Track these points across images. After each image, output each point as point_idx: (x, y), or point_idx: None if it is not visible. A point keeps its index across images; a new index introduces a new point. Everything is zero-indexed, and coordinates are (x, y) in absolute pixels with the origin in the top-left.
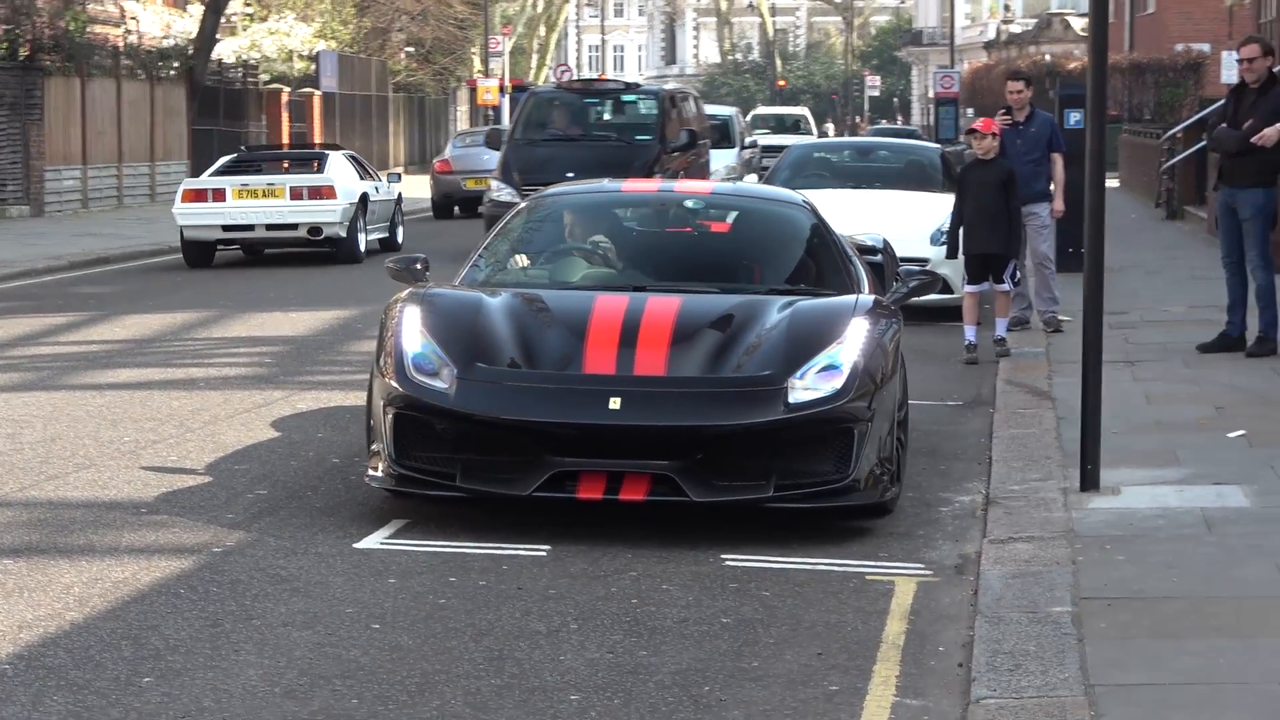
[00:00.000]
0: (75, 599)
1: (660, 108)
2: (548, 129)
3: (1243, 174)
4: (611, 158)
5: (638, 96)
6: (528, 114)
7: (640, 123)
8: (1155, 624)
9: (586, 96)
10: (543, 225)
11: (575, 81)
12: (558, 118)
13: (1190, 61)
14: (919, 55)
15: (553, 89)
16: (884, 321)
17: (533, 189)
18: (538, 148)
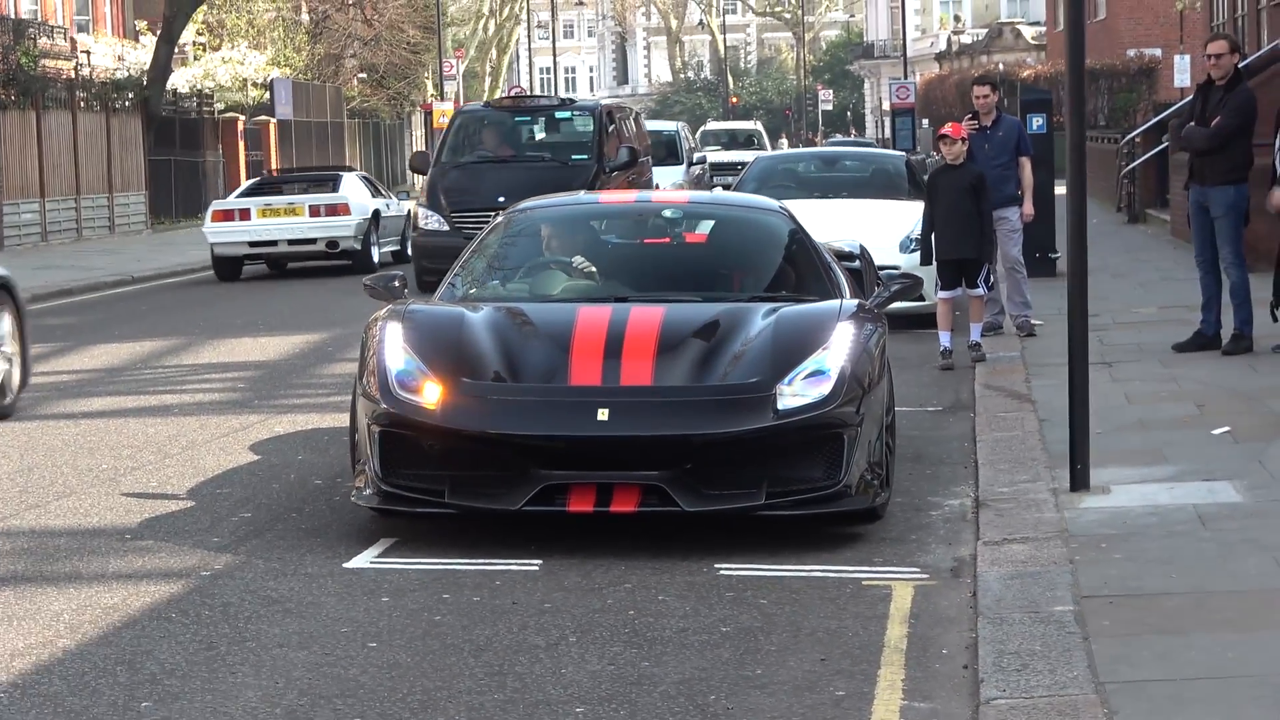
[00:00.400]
0: (66, 626)
1: (597, 124)
2: (477, 150)
3: (1214, 172)
4: (546, 179)
5: (572, 113)
6: (455, 135)
7: (576, 141)
8: (1160, 620)
9: (518, 114)
10: (519, 239)
11: (505, 98)
12: (488, 138)
13: (1143, 67)
14: (871, 68)
15: (481, 107)
16: (869, 326)
17: (462, 216)
18: (466, 171)
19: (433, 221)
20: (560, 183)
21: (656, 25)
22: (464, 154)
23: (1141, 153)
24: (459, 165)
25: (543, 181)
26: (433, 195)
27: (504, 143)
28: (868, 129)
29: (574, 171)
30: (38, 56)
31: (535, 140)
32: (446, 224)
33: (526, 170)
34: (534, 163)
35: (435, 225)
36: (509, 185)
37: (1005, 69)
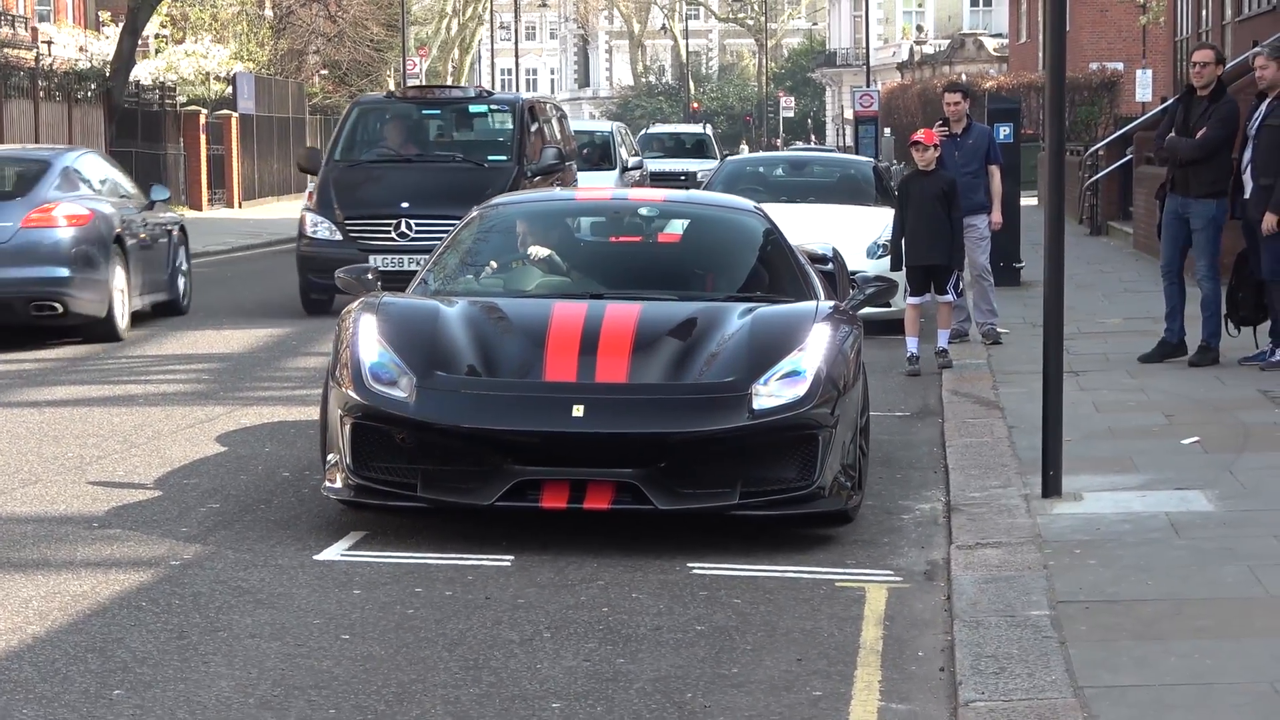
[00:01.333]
0: (35, 613)
1: (518, 122)
2: (378, 148)
3: (1197, 183)
4: (456, 183)
5: (489, 108)
6: (352, 129)
7: (493, 140)
8: (1137, 626)
9: (425, 108)
10: (492, 235)
11: (411, 89)
12: (391, 134)
13: (1105, 80)
14: (833, 76)
15: (383, 98)
16: (844, 328)
17: (358, 225)
18: (364, 172)
19: (322, 229)
20: (472, 187)
21: (619, 29)
22: (362, 152)
23: (1104, 166)
24: (356, 165)
25: (451, 185)
26: (323, 199)
27: (409, 140)
28: (828, 137)
29: (489, 175)
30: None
31: (446, 138)
32: (338, 232)
33: (434, 172)
34: (443, 163)
35: (325, 234)
36: (413, 189)
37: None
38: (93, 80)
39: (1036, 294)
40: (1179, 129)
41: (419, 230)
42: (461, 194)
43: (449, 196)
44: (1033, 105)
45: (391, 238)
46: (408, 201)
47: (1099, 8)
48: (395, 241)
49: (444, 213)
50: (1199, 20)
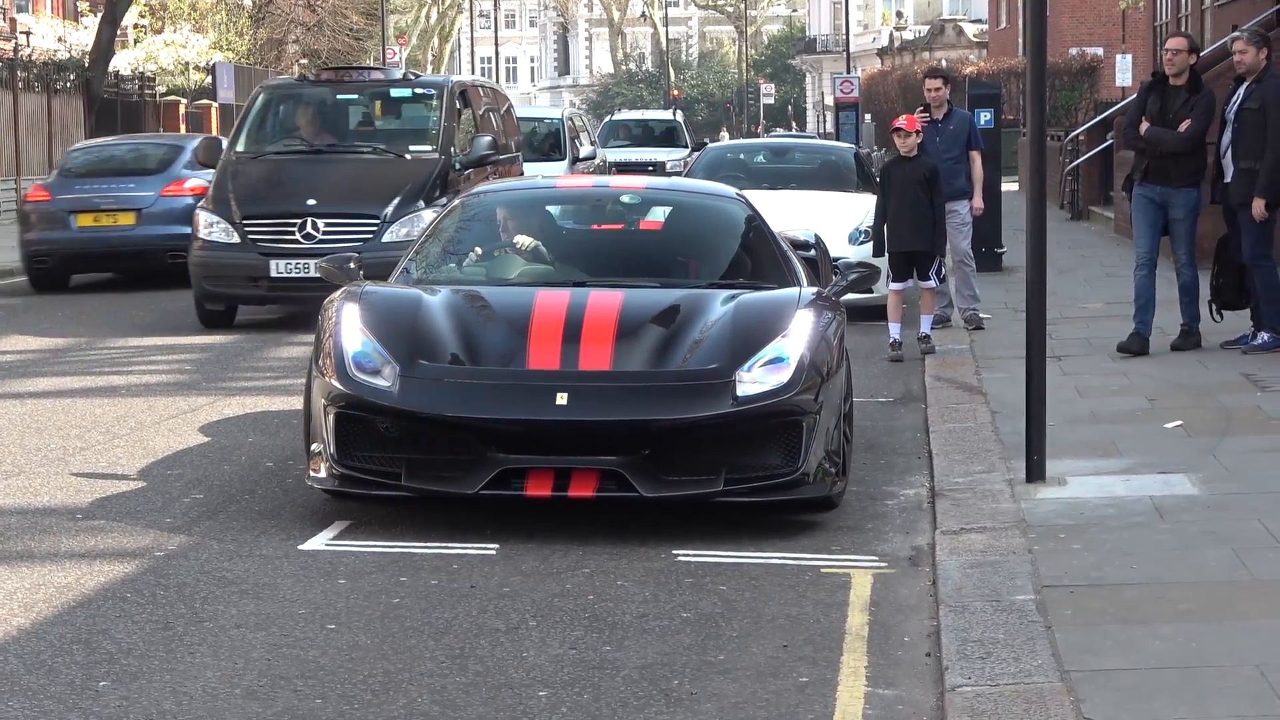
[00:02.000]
0: (20, 605)
1: (446, 107)
2: (288, 138)
3: (1179, 173)
4: (371, 178)
5: (414, 91)
6: (257, 117)
7: (417, 128)
8: (1122, 610)
9: (342, 92)
10: (473, 224)
11: (326, 70)
12: (302, 122)
13: (1085, 65)
14: (813, 63)
15: (295, 82)
16: (827, 314)
17: (257, 225)
18: (268, 165)
19: (218, 231)
20: (389, 182)
21: (599, 16)
22: (269, 142)
23: (1085, 150)
24: (259, 157)
25: (366, 180)
26: (219, 196)
27: (323, 129)
28: (809, 123)
29: (410, 168)
30: None
31: (366, 127)
32: (236, 234)
33: (347, 165)
34: (358, 155)
35: (221, 236)
36: (322, 185)
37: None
38: (72, 71)
39: (1018, 279)
40: (1154, 119)
41: (327, 231)
42: (377, 190)
43: (362, 193)
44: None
45: (295, 240)
46: (315, 199)
47: None
48: (300, 244)
49: (356, 211)
50: (1178, 5)
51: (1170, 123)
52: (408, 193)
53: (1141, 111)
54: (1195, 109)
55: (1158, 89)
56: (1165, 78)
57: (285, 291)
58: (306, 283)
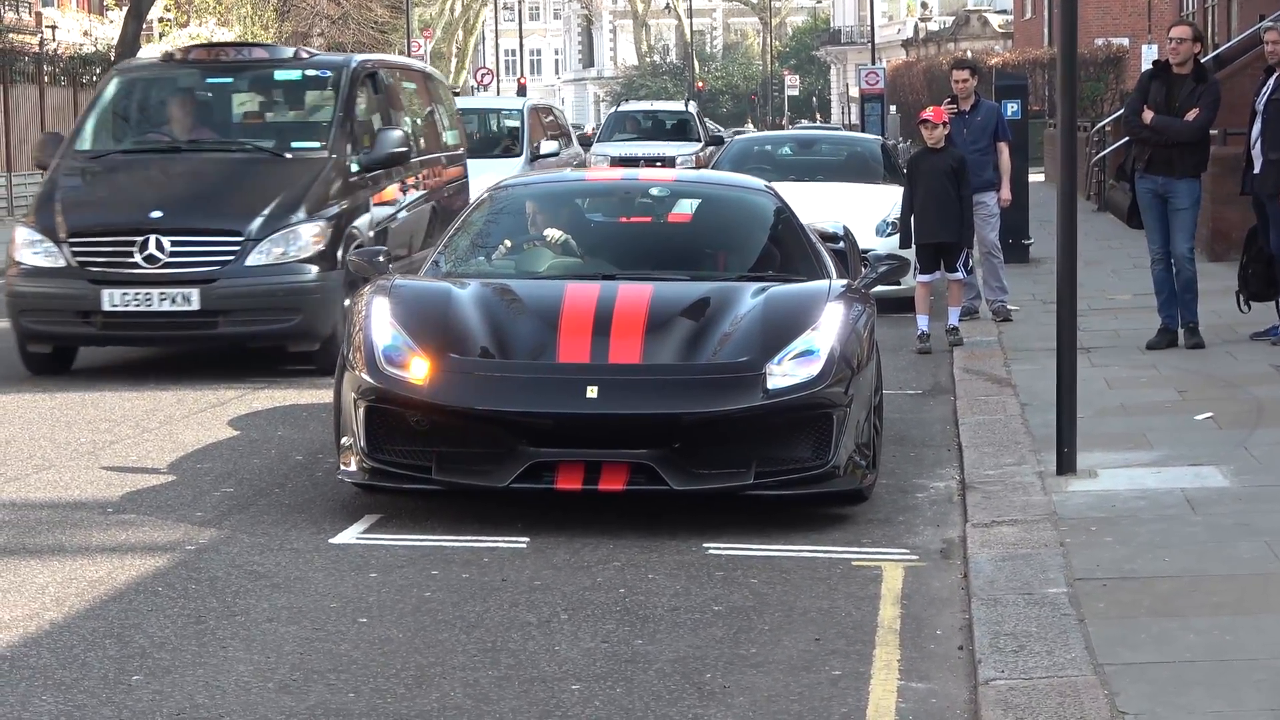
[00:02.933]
0: (52, 599)
1: (343, 94)
2: (143, 133)
3: (1184, 164)
4: (236, 184)
5: (305, 73)
6: (108, 108)
7: (305, 121)
8: (1155, 603)
9: (213, 75)
10: (502, 217)
11: (194, 48)
12: (163, 112)
13: (1110, 55)
14: (837, 54)
15: (155, 62)
16: (857, 307)
17: (87, 245)
18: (109, 167)
19: (40, 253)
20: (262, 187)
21: (623, 8)
22: (121, 136)
23: (1111, 141)
24: (100, 158)
25: (229, 187)
26: (44, 207)
27: (193, 121)
28: (833, 115)
29: (291, 169)
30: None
31: (248, 119)
32: (62, 256)
33: (209, 166)
34: (226, 152)
35: (43, 259)
36: (173, 193)
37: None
38: (98, 64)
39: (1046, 270)
40: (1159, 108)
41: (175, 252)
42: (242, 199)
43: (222, 203)
44: (1039, 81)
45: (135, 263)
46: (161, 210)
47: None
48: (140, 269)
49: (212, 226)
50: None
51: (1177, 112)
52: (282, 202)
53: (1143, 100)
54: (1203, 98)
55: (1161, 78)
56: (1167, 66)
57: (123, 330)
58: (150, 320)
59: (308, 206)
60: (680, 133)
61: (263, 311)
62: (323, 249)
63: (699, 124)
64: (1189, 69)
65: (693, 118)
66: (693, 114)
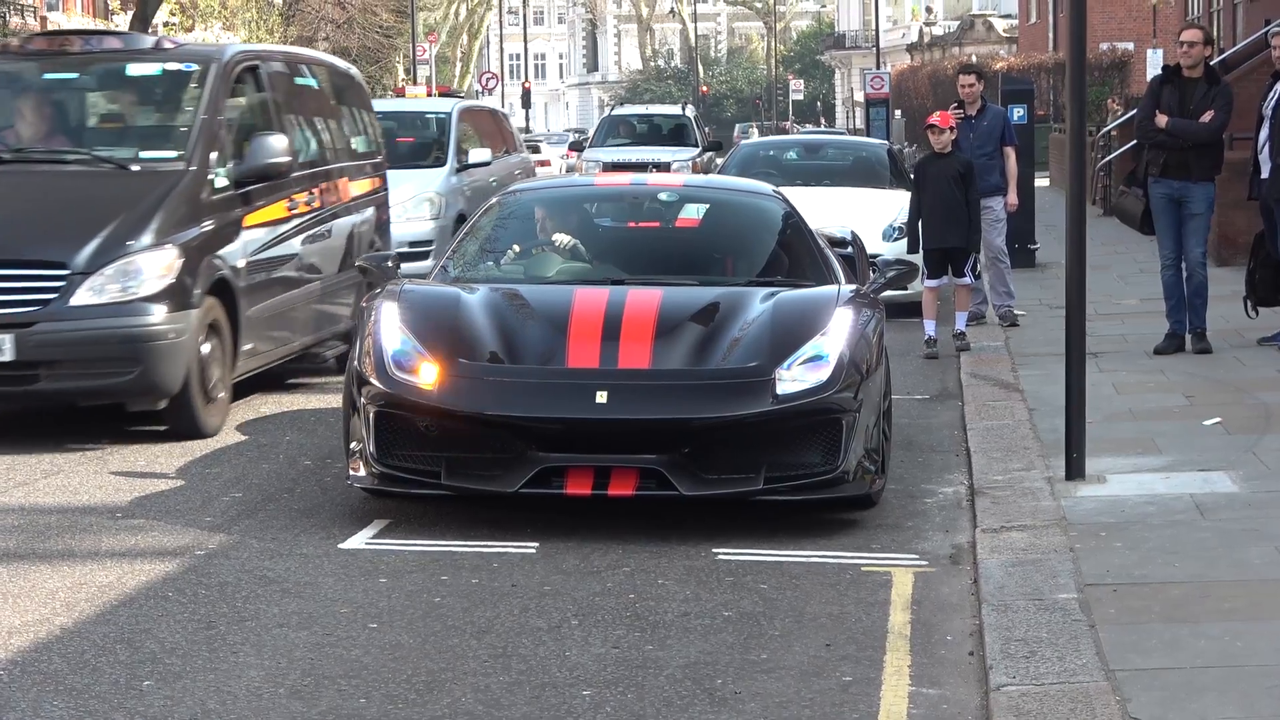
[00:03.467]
0: (62, 604)
1: (211, 94)
2: None
3: (1200, 167)
4: (68, 203)
5: (165, 68)
6: None
7: (161, 125)
8: (1165, 609)
9: (55, 69)
10: (511, 222)
11: (37, 37)
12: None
13: (1116, 60)
14: (842, 59)
15: None
16: (866, 312)
17: None
18: None
19: None
20: (98, 206)
21: (627, 12)
22: None
23: (1117, 146)
24: None
25: (58, 205)
26: None
27: (23, 125)
28: (838, 119)
29: (136, 184)
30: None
31: (86, 122)
32: None
33: (32, 182)
34: (57, 164)
35: None
36: None
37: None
38: None
39: (1052, 275)
40: (1173, 111)
41: None
42: (70, 223)
43: (45, 228)
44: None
45: None
46: None
47: None
48: None
49: (30, 257)
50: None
51: (1191, 115)
52: (121, 226)
53: (1156, 105)
54: (1216, 100)
55: (1172, 82)
56: (1178, 70)
57: None
58: None
59: (154, 231)
60: (677, 138)
61: (92, 363)
62: (172, 283)
63: (696, 129)
64: (1200, 72)
65: (690, 122)
66: (690, 118)
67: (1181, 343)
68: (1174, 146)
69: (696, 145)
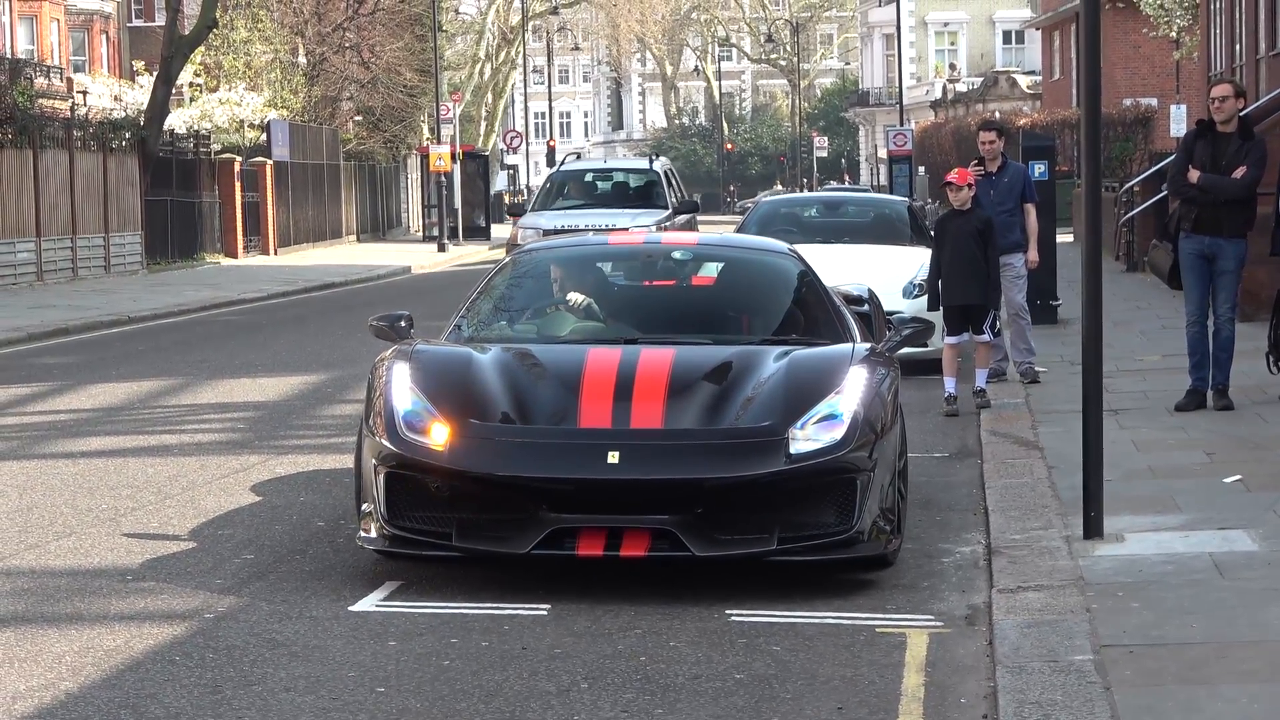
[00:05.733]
0: (68, 668)
1: None
2: None
3: (1231, 223)
4: None
5: None
6: None
7: None
8: (1183, 670)
9: None
10: (525, 280)
11: None
12: None
13: (1139, 116)
14: (866, 115)
15: None
16: (881, 370)
17: None
18: None
19: None
20: None
21: (652, 71)
22: None
23: (1140, 201)
24: None
25: None
26: None
27: None
28: (862, 176)
29: None
30: (34, 96)
31: None
32: None
33: None
34: None
35: None
36: None
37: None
38: (127, 129)
39: (1074, 332)
40: (1205, 167)
41: None
42: None
43: None
44: (1067, 142)
45: None
46: None
47: (1132, 44)
48: None
49: None
50: (1233, 55)
51: (1224, 170)
52: None
53: (1189, 160)
54: (1250, 156)
55: (1205, 136)
56: (1212, 125)
57: None
58: None
59: None
60: (644, 198)
61: None
62: None
63: (669, 186)
64: (1234, 126)
65: (661, 178)
66: (660, 173)
67: (1203, 399)
68: (1206, 202)
69: (666, 207)
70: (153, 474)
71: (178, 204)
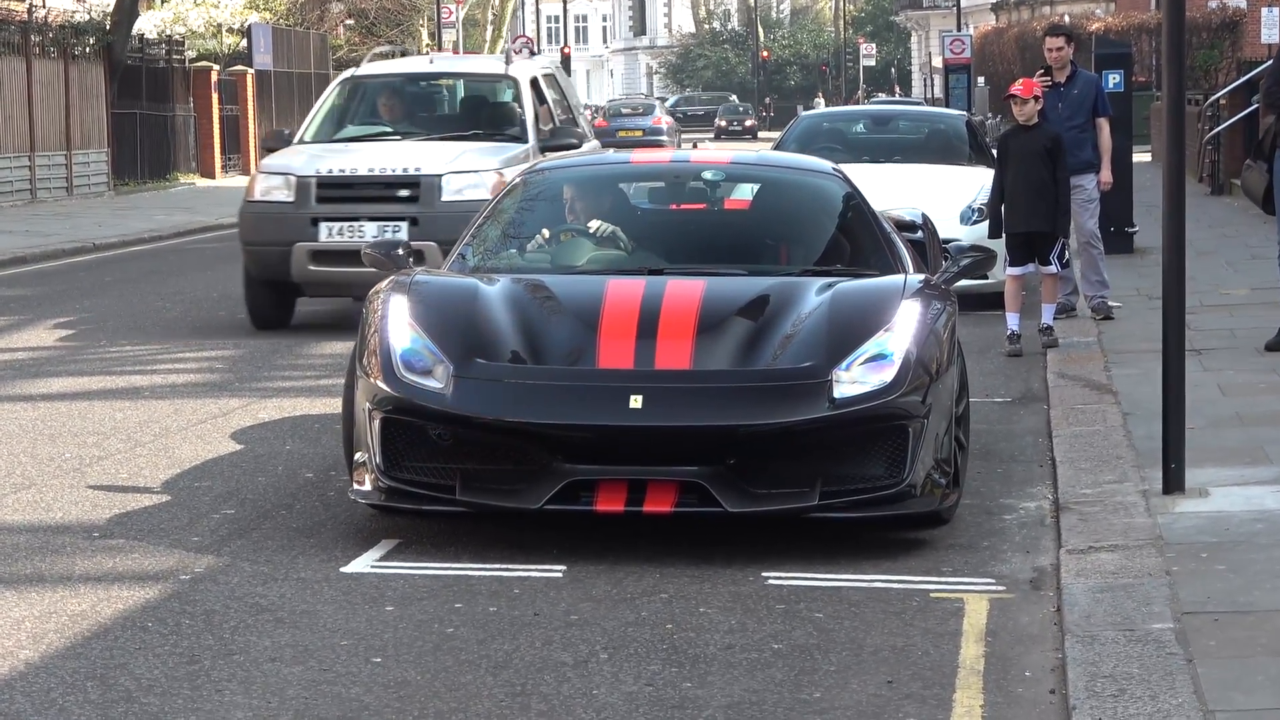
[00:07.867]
0: (28, 635)
1: None
2: None
3: None
4: None
5: None
6: None
7: None
8: (1273, 641)
9: None
10: (537, 204)
11: None
12: None
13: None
14: (919, 20)
15: None
16: (936, 305)
17: None
18: None
19: None
20: None
21: None
22: None
23: (1227, 116)
24: None
25: None
26: None
27: None
28: (914, 88)
29: None
30: None
31: None
32: None
33: None
34: None
35: None
36: None
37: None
38: (91, 34)
39: (1152, 262)
40: None
41: None
42: None
43: None
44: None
45: None
46: None
47: None
48: None
49: None
50: None
51: None
52: None
53: None
54: None
55: None
56: None
57: None
58: None
59: None
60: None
61: None
62: None
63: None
64: None
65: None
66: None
67: None
68: None
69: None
70: (121, 419)
71: (148, 118)
